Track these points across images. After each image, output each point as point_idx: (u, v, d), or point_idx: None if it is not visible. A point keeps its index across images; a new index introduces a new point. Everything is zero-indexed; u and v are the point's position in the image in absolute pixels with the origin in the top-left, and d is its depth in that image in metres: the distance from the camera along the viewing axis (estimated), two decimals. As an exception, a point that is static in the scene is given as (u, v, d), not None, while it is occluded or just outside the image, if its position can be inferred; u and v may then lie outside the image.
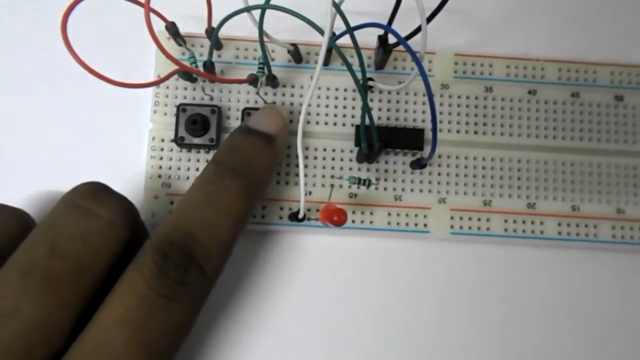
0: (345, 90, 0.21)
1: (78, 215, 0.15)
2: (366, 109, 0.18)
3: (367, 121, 0.18)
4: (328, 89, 0.21)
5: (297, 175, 0.21)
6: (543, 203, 0.21)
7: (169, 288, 0.14)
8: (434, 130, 0.17)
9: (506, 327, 0.21)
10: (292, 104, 0.21)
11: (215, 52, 0.21)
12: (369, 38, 0.20)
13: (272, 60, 0.21)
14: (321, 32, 0.17)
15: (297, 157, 0.18)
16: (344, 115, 0.21)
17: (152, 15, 0.18)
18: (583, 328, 0.21)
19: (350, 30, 0.17)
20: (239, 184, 0.17)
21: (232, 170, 0.17)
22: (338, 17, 0.17)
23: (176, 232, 0.15)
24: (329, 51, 0.20)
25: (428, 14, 0.18)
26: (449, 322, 0.21)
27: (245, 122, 0.19)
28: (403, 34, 0.19)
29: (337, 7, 0.17)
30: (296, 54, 0.21)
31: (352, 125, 0.21)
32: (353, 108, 0.21)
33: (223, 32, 0.19)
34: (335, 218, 0.18)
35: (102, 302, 0.15)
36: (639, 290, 0.21)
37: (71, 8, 0.16)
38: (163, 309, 0.14)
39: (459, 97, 0.22)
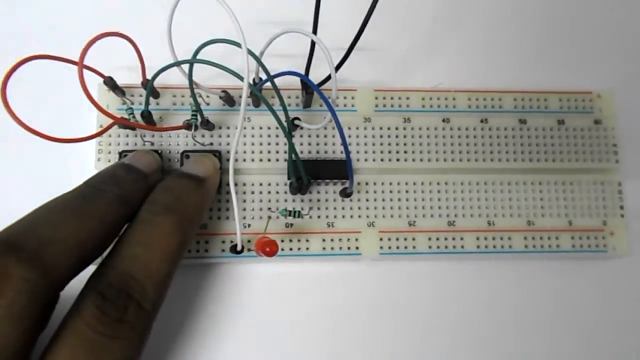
0: (277, 128, 0.23)
1: None
2: (291, 149, 0.19)
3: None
4: (261, 128, 0.23)
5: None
6: (462, 220, 0.23)
7: (109, 327, 0.15)
8: (349, 162, 0.19)
9: (434, 336, 0.23)
10: (228, 144, 0.23)
11: (154, 100, 0.23)
12: (295, 80, 0.22)
13: (208, 104, 0.23)
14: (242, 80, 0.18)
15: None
16: (277, 152, 0.23)
17: (89, 71, 0.20)
18: (505, 332, 0.23)
19: (270, 78, 0.19)
20: (171, 221, 0.18)
21: (165, 208, 0.18)
22: (270, 61, 0.19)
23: (113, 272, 0.16)
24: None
25: (342, 55, 0.20)
26: (383, 337, 0.23)
27: (178, 168, 0.20)
28: (322, 76, 0.21)
29: (256, 57, 0.19)
30: (228, 99, 0.22)
31: (285, 160, 0.23)
32: (285, 144, 0.23)
33: (160, 81, 0.21)
34: (267, 250, 0.19)
35: None
36: (551, 293, 0.24)
37: (10, 73, 0.17)
38: (106, 347, 0.15)
39: (381, 128, 0.24)
